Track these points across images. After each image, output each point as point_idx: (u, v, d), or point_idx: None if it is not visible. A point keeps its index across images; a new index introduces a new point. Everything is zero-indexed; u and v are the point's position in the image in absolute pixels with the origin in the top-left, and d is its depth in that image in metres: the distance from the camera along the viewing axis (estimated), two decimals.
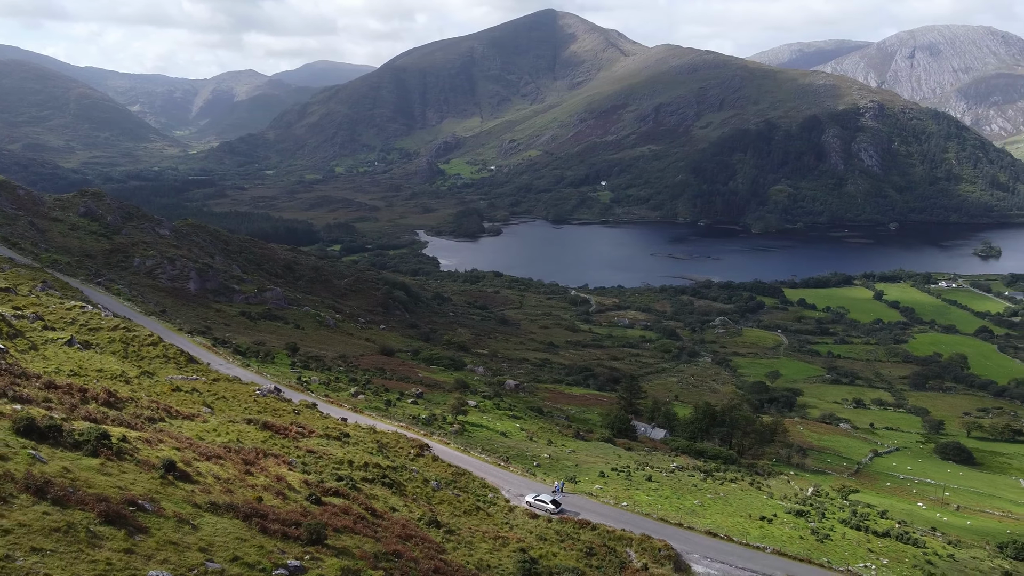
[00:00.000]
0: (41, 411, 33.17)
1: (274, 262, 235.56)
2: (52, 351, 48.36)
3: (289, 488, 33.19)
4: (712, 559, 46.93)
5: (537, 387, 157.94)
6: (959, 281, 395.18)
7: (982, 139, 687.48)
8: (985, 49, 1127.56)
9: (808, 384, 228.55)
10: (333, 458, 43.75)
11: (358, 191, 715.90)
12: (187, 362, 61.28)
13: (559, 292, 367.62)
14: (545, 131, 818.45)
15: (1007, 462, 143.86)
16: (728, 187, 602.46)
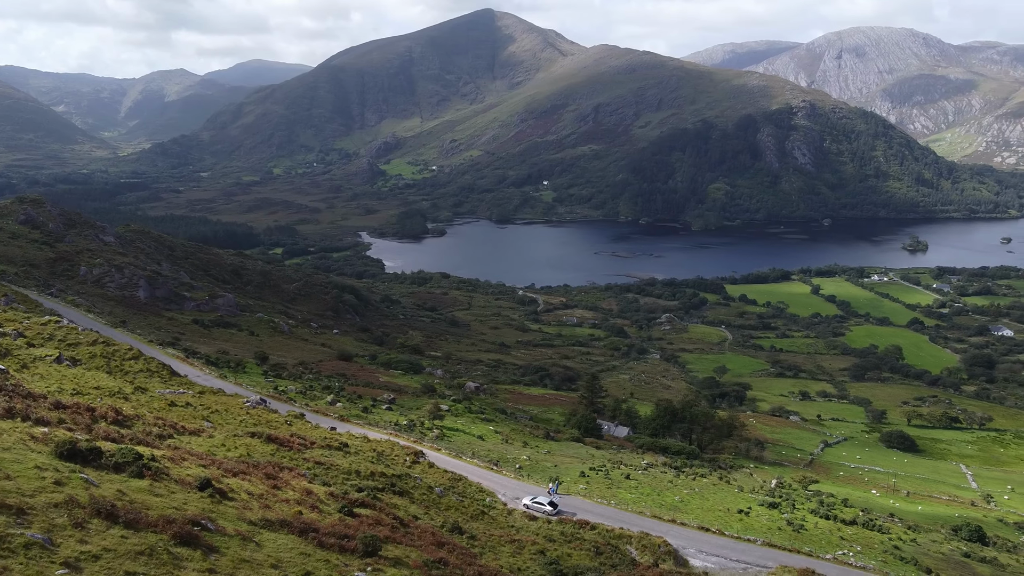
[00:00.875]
0: (67, 433, 33.07)
1: (221, 267, 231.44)
2: (43, 369, 47.53)
3: (319, 501, 33.78)
4: (707, 553, 48.93)
5: (496, 388, 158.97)
6: (890, 275, 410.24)
7: (908, 137, 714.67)
8: (907, 50, 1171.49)
9: (754, 378, 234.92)
10: (340, 468, 44.27)
11: (298, 193, 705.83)
12: (170, 375, 60.65)
13: (507, 292, 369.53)
14: (486, 131, 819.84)
15: (947, 448, 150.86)
16: (668, 186, 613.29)
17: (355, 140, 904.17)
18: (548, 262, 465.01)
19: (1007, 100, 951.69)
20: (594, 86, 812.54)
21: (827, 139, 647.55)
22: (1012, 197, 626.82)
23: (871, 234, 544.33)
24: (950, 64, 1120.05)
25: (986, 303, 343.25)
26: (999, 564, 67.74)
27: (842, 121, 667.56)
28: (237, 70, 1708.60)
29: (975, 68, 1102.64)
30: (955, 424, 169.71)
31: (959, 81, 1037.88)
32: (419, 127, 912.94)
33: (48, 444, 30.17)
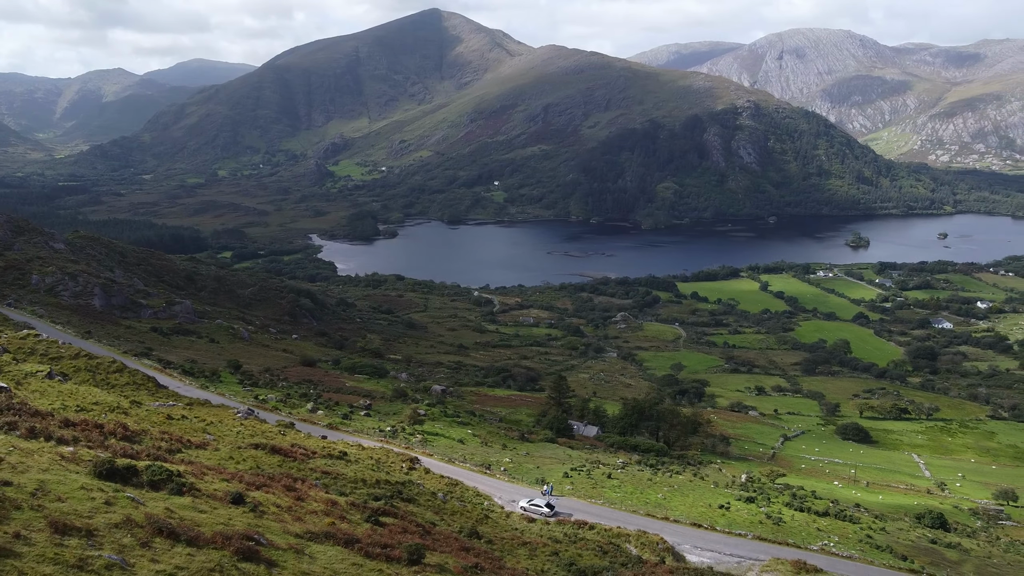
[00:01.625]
0: (91, 451, 33.05)
1: (174, 273, 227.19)
2: (38, 385, 46.73)
3: (344, 511, 34.34)
4: (702, 548, 50.64)
5: (462, 391, 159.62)
6: (834, 270, 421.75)
7: (848, 136, 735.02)
8: (845, 52, 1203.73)
9: (710, 374, 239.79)
10: (347, 478, 44.74)
11: (244, 195, 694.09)
12: (156, 388, 60.06)
13: (463, 293, 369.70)
14: (435, 131, 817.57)
15: (898, 439, 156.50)
16: (617, 185, 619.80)
17: (302, 141, 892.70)
18: (501, 262, 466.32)
19: (940, 100, 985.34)
20: (543, 86, 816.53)
21: (771, 138, 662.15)
22: (947, 194, 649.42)
23: (815, 231, 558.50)
24: (886, 65, 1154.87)
25: (926, 297, 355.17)
26: (963, 549, 71.12)
27: (785, 121, 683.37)
28: (178, 69, 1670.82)
29: (909, 69, 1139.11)
30: (905, 415, 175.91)
31: (895, 82, 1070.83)
32: (367, 127, 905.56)
33: (80, 463, 30.21)
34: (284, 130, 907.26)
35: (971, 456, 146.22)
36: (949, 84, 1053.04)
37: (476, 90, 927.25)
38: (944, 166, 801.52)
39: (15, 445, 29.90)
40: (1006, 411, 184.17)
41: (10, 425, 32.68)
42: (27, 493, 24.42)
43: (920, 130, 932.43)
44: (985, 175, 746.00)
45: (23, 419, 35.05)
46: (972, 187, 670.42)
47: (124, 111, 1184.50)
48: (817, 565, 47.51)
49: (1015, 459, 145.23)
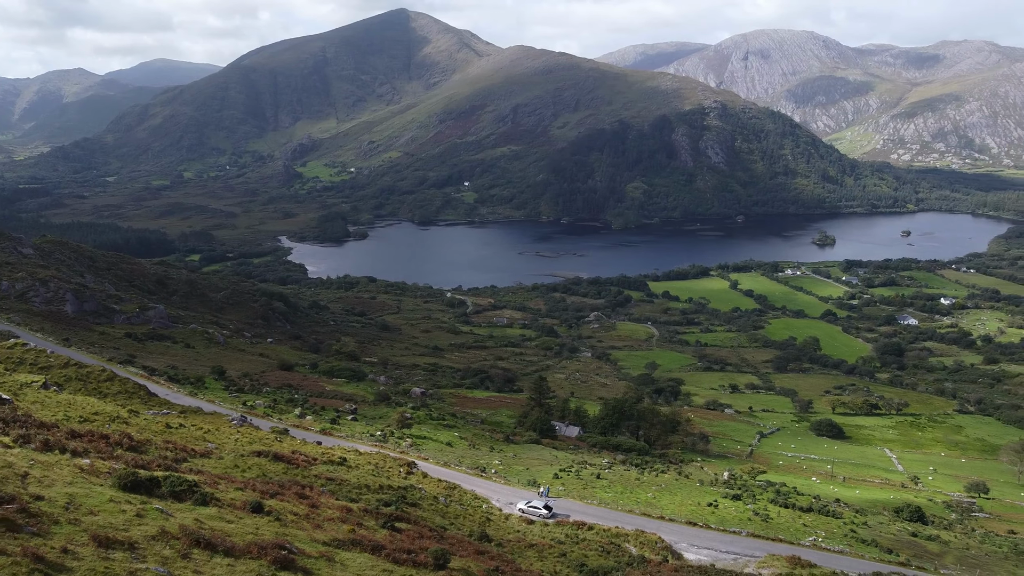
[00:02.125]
0: (107, 463, 33.08)
1: (145, 278, 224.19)
2: (35, 396, 46.25)
3: (360, 517, 34.69)
4: (699, 546, 51.64)
5: (441, 393, 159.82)
6: (802, 269, 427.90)
7: (813, 136, 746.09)
8: (809, 53, 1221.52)
9: (684, 373, 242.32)
10: (351, 484, 45.02)
11: (212, 197, 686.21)
12: (148, 396, 59.67)
13: (436, 295, 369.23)
14: (404, 132, 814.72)
15: (870, 434, 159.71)
16: (587, 185, 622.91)
17: (269, 142, 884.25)
18: (473, 263, 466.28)
19: (901, 100, 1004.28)
20: (512, 87, 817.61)
21: (738, 138, 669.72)
22: (909, 192, 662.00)
23: (782, 229, 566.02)
24: (848, 66, 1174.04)
25: (892, 294, 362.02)
26: (943, 541, 73.10)
27: (752, 121, 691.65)
28: (140, 69, 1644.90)
29: (871, 70, 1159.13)
30: (875, 411, 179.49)
31: (857, 82, 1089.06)
32: (335, 128, 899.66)
33: (100, 475, 30.27)
34: (251, 131, 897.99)
35: (941, 450, 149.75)
36: (910, 84, 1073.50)
37: (445, 90, 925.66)
38: (906, 165, 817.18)
39: (34, 459, 29.86)
40: (972, 405, 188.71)
41: (24, 438, 32.57)
42: (60, 507, 24.53)
43: (882, 129, 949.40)
44: (945, 174, 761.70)
45: (33, 431, 34.91)
46: (933, 186, 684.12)
47: (85, 112, 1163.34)
48: (811, 560, 48.78)
49: (983, 452, 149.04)
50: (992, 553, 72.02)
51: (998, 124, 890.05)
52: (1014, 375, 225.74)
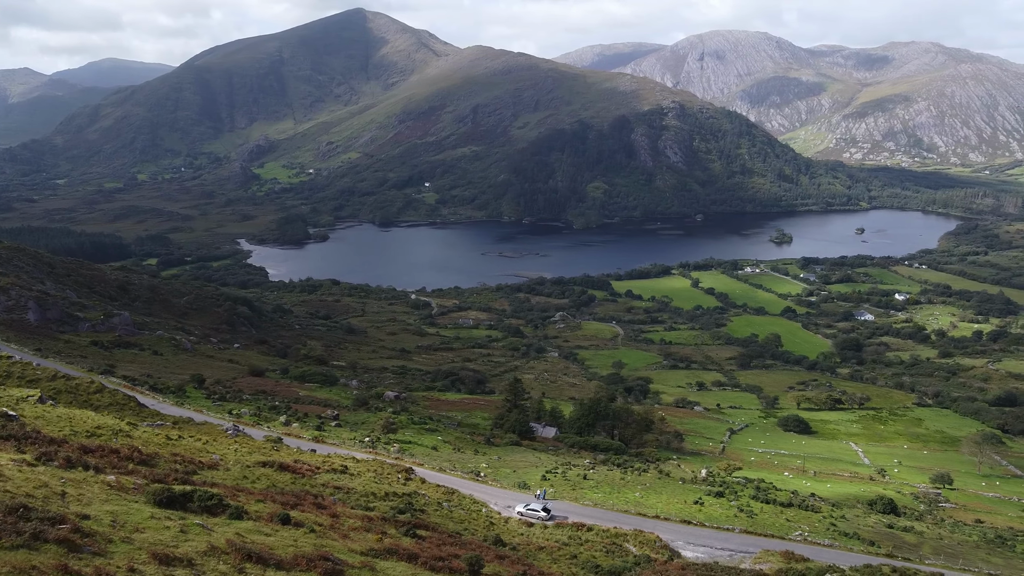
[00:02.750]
0: (130, 479, 33.13)
1: (106, 284, 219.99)
2: (34, 410, 45.60)
3: (381, 525, 35.21)
4: (695, 544, 52.97)
5: (414, 396, 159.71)
6: (761, 266, 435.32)
7: (769, 136, 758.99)
8: (763, 53, 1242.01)
9: (650, 371, 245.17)
10: (358, 492, 45.41)
11: (167, 199, 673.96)
12: (138, 407, 59.15)
13: (400, 297, 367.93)
14: (363, 133, 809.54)
15: (835, 428, 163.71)
16: (548, 185, 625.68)
17: (225, 143, 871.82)
18: (436, 264, 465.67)
19: (852, 100, 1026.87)
20: (471, 87, 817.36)
21: (696, 138, 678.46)
22: (862, 191, 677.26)
23: (740, 228, 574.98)
24: (801, 67, 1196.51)
25: (848, 290, 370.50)
26: (917, 532, 75.71)
27: (709, 121, 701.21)
28: (90, 69, 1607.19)
29: (823, 71, 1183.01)
30: (839, 405, 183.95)
31: (810, 83, 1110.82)
32: (293, 129, 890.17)
33: (130, 492, 30.36)
34: (206, 132, 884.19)
35: (903, 442, 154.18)
36: (860, 85, 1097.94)
37: (403, 91, 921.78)
38: (858, 163, 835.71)
39: (63, 477, 29.86)
40: (930, 398, 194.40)
41: (46, 456, 32.46)
42: (107, 525, 24.70)
43: (835, 129, 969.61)
44: (896, 172, 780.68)
45: (53, 448, 34.75)
46: (885, 184, 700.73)
47: (33, 113, 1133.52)
48: (804, 555, 50.41)
49: (943, 444, 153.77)
50: (964, 542, 74.83)
51: (945, 124, 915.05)
52: (968, 368, 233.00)
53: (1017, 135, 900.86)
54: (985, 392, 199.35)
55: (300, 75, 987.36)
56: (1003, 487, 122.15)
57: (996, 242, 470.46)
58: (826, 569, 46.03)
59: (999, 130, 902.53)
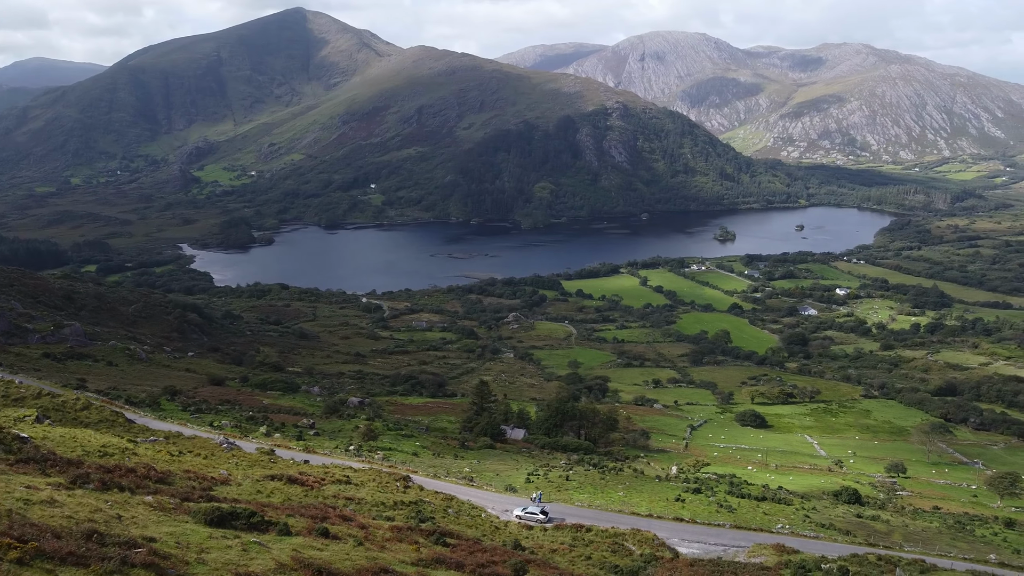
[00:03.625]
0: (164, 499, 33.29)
1: (50, 293, 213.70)
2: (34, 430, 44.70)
3: (409, 535, 36.05)
4: (689, 541, 54.85)
5: (376, 401, 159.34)
6: (707, 264, 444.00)
7: (710, 135, 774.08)
8: (702, 54, 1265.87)
9: (605, 370, 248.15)
10: (367, 501, 46.02)
11: (103, 204, 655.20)
12: (127, 423, 58.44)
13: (351, 300, 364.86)
14: (306, 134, 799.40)
15: (790, 422, 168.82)
16: (495, 186, 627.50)
17: (163, 145, 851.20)
18: (385, 267, 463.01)
19: (788, 100, 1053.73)
20: (415, 88, 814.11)
21: (640, 138, 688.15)
22: (801, 188, 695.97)
23: (685, 226, 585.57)
24: (739, 67, 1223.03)
25: (791, 286, 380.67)
26: (884, 520, 79.23)
27: (652, 121, 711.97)
28: (15, 69, 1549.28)
29: (760, 71, 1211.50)
30: (791, 399, 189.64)
31: (748, 84, 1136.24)
32: (233, 131, 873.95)
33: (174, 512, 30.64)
34: (142, 134, 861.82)
35: (855, 434, 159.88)
36: (796, 85, 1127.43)
37: (346, 91, 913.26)
38: (795, 161, 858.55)
39: (106, 499, 29.98)
40: (876, 390, 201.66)
41: (81, 479, 32.45)
42: (174, 547, 25.09)
43: (772, 128, 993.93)
44: (832, 170, 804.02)
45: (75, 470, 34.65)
46: (822, 181, 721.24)
47: None
48: (795, 547, 52.73)
49: (892, 434, 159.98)
50: (927, 528, 78.61)
51: (877, 123, 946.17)
52: (909, 360, 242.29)
53: (944, 133, 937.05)
54: (927, 383, 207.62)
55: (239, 75, 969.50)
56: (951, 474, 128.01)
57: (928, 237, 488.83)
58: (819, 560, 48.34)
59: (927, 129, 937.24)
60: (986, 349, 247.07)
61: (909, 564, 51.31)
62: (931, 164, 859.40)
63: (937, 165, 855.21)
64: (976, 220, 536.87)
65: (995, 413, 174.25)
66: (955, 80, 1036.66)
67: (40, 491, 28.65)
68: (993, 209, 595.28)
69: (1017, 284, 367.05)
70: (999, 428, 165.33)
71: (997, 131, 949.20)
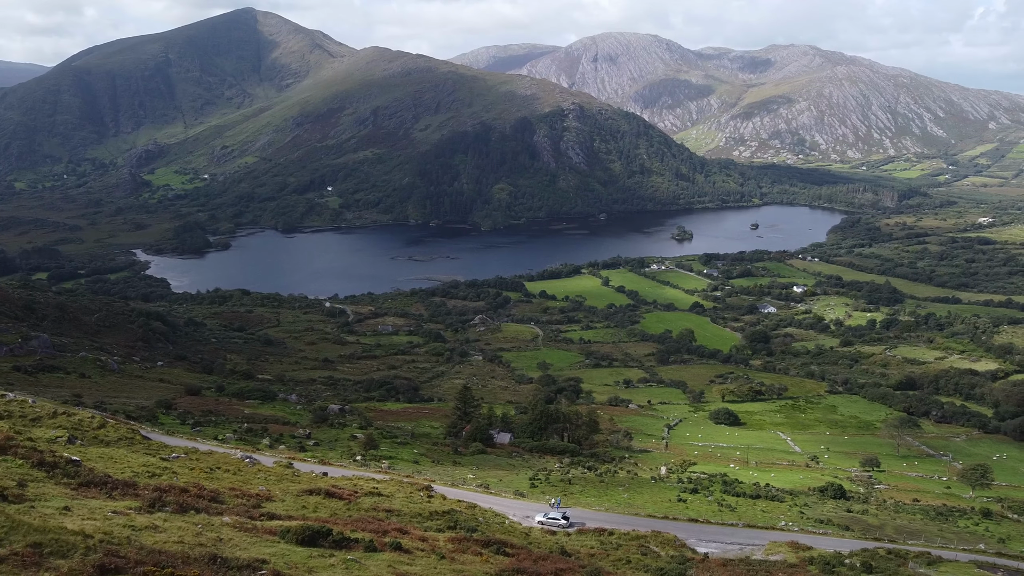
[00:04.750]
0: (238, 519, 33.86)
1: (9, 303, 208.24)
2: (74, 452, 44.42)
3: (471, 546, 37.15)
4: (707, 541, 56.75)
5: (356, 408, 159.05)
6: (666, 263, 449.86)
7: (665, 136, 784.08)
8: (654, 55, 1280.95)
9: (574, 370, 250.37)
10: (403, 512, 46.91)
11: (50, 209, 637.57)
12: (144, 440, 58.13)
13: (314, 305, 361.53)
14: (259, 136, 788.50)
15: (761, 419, 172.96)
16: (454, 188, 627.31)
17: (110, 148, 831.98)
18: (346, 270, 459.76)
19: (738, 101, 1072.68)
20: (370, 89, 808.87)
21: (596, 139, 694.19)
22: (754, 188, 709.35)
23: (642, 226, 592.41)
24: (691, 69, 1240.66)
25: (750, 284, 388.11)
26: (872, 514, 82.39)
27: (608, 122, 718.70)
28: None
29: (711, 73, 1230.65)
30: (759, 396, 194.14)
31: (699, 85, 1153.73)
32: (183, 133, 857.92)
33: (260, 533, 31.29)
34: (88, 137, 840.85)
35: (824, 429, 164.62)
36: (746, 86, 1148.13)
37: (299, 93, 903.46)
38: (747, 161, 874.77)
39: (193, 522, 30.50)
40: (840, 385, 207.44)
41: (159, 503, 32.84)
42: (285, 567, 25.86)
43: (723, 128, 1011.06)
44: (783, 169, 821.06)
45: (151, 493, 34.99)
46: (774, 181, 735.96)
47: None
48: (807, 544, 54.99)
49: (860, 429, 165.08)
50: (912, 520, 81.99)
51: (824, 123, 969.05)
52: (868, 355, 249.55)
53: (889, 133, 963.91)
54: (887, 378, 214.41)
55: (188, 77, 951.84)
56: (921, 466, 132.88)
57: (878, 234, 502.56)
58: (836, 556, 50.62)
59: (873, 128, 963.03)
60: (940, 344, 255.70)
61: (916, 557, 53.94)
62: (878, 163, 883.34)
63: (883, 164, 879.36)
64: (923, 218, 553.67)
65: (955, 406, 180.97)
66: (898, 81, 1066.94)
67: (130, 516, 29.12)
68: (938, 207, 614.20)
69: (964, 279, 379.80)
70: (959, 420, 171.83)
71: (939, 130, 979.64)
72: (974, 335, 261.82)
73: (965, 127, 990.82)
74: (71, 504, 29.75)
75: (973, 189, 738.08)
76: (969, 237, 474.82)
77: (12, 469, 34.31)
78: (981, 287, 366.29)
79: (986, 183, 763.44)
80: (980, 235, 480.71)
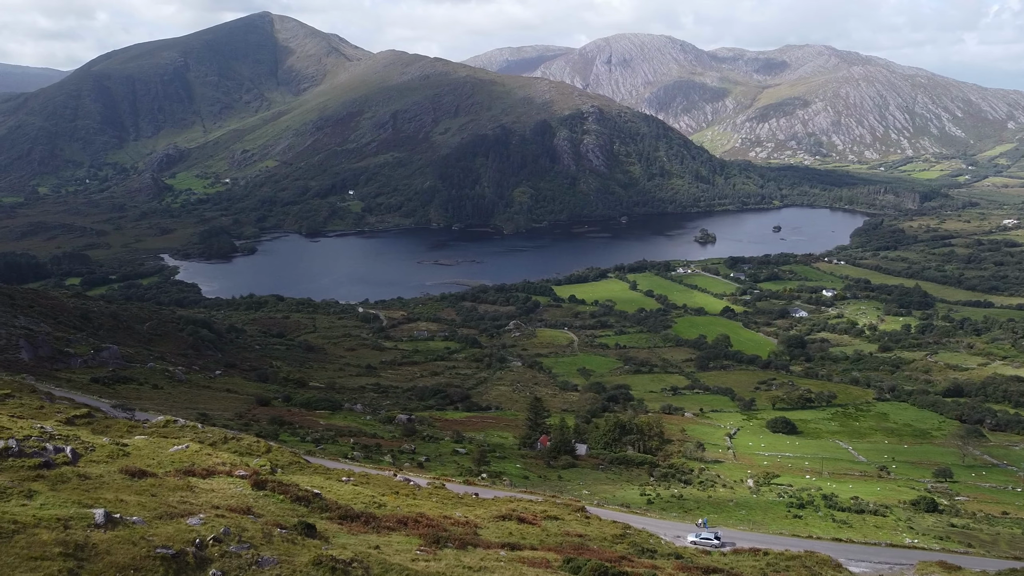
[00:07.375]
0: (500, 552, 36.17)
1: (67, 313, 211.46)
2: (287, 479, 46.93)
3: (693, 572, 39.37)
4: (857, 560, 58.80)
5: (421, 417, 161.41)
6: (692, 267, 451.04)
7: (685, 138, 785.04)
8: (668, 57, 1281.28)
9: (614, 376, 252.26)
10: (593, 538, 49.11)
11: (75, 214, 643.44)
12: (306, 463, 60.52)
13: (348, 311, 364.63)
14: (279, 140, 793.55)
15: (817, 427, 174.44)
16: (475, 191, 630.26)
17: (131, 153, 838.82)
18: (373, 275, 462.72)
19: (754, 103, 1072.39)
20: (388, 93, 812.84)
21: (616, 142, 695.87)
22: (774, 189, 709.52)
23: (664, 229, 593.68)
24: (705, 70, 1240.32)
25: (779, 288, 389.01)
26: (976, 529, 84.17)
27: (627, 124, 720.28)
28: None
29: (726, 74, 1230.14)
30: (809, 404, 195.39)
31: (714, 88, 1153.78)
32: (203, 137, 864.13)
33: (539, 567, 33.59)
34: (110, 142, 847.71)
35: (881, 438, 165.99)
36: (761, 88, 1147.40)
37: (316, 96, 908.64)
38: (763, 162, 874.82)
39: (479, 559, 32.83)
40: (887, 392, 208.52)
41: (440, 539, 35.15)
42: None
43: (739, 129, 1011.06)
44: (801, 170, 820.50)
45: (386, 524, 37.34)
46: (793, 182, 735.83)
47: None
48: (956, 564, 56.99)
49: (916, 437, 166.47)
50: (1016, 536, 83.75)
51: (841, 124, 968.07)
52: (909, 361, 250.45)
53: (907, 133, 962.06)
54: (933, 384, 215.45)
55: (207, 81, 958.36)
56: (989, 476, 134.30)
57: (903, 237, 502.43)
58: None
59: (891, 128, 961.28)
60: (981, 349, 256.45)
61: None
62: (895, 163, 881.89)
63: (901, 164, 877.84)
64: (946, 220, 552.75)
65: (1008, 414, 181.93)
66: (915, 81, 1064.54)
67: (437, 554, 31.49)
68: (960, 208, 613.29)
69: (995, 283, 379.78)
70: (1014, 428, 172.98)
71: (957, 130, 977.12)
72: (1015, 341, 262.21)
73: (984, 127, 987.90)
74: (379, 542, 32.13)
75: (994, 190, 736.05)
76: (995, 240, 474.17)
77: (284, 506, 36.69)
78: (1012, 291, 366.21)
79: (1007, 183, 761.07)
80: (1006, 237, 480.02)
